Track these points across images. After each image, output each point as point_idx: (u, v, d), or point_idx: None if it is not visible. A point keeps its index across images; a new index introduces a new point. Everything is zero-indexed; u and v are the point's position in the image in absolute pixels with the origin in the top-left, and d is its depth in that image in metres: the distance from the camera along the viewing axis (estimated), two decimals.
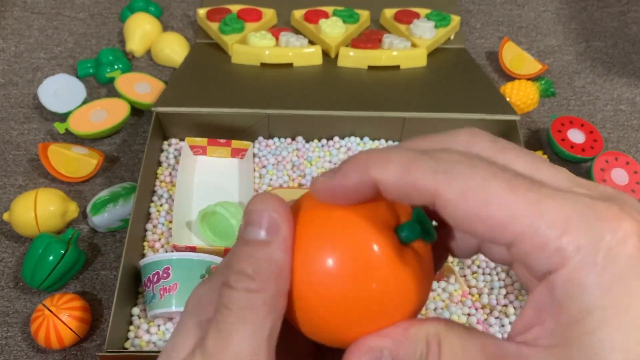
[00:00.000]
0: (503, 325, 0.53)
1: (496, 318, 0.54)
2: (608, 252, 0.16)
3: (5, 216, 0.57)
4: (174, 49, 0.74)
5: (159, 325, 0.52)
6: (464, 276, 0.56)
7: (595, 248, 0.16)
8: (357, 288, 0.19)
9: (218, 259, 0.52)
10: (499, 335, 0.53)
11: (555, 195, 0.16)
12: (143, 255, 0.56)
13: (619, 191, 0.18)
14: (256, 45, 0.69)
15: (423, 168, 0.17)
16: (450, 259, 0.57)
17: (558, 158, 0.67)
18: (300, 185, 0.62)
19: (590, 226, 0.16)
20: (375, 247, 0.19)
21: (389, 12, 0.76)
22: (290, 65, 0.70)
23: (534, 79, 0.73)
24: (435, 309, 0.54)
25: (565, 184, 0.17)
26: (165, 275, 0.51)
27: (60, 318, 0.50)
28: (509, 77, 0.75)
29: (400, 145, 0.20)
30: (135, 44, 0.75)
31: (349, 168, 0.19)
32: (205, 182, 0.63)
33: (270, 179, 0.62)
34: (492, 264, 0.57)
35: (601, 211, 0.16)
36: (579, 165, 0.67)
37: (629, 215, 0.16)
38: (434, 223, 0.20)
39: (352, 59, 0.70)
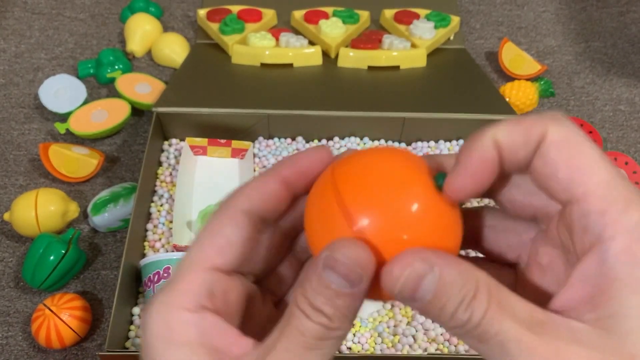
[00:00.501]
0: None
1: None
2: None
3: (6, 216, 0.57)
4: (174, 50, 0.74)
5: None
6: None
7: None
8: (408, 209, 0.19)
9: None
10: None
11: (626, 178, 0.18)
12: (143, 255, 0.57)
13: None
14: (256, 46, 0.69)
15: (532, 118, 0.19)
16: None
17: None
18: None
19: None
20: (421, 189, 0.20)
21: (388, 13, 0.76)
22: (290, 65, 0.70)
23: (534, 79, 0.73)
24: None
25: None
26: (165, 275, 0.51)
27: (61, 318, 0.50)
28: (509, 78, 0.75)
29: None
30: (136, 44, 0.75)
31: (465, 152, 0.20)
32: (206, 182, 0.63)
33: None
34: None
35: None
36: None
37: None
38: None
39: (352, 59, 0.70)
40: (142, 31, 0.75)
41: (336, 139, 0.66)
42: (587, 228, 0.18)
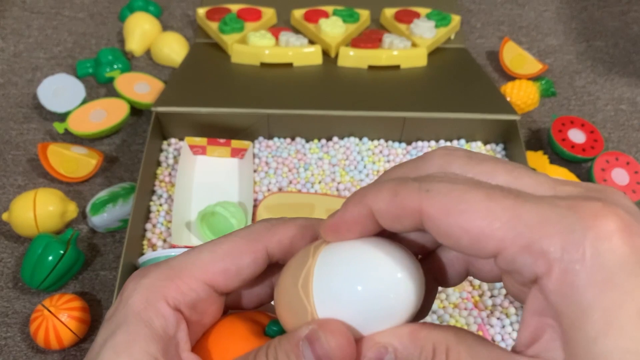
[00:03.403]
0: (504, 327, 0.53)
1: (497, 319, 0.53)
2: (594, 249, 0.15)
3: (5, 216, 0.57)
4: (173, 49, 0.74)
5: None
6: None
7: (580, 247, 0.15)
8: None
9: None
10: (499, 337, 0.52)
11: (532, 200, 0.16)
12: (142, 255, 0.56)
13: (605, 187, 0.17)
14: (256, 45, 0.69)
15: (409, 190, 0.18)
16: None
17: (558, 158, 0.67)
18: (299, 191, 0.62)
19: (571, 226, 0.16)
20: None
21: (389, 12, 0.76)
22: (290, 65, 0.70)
23: (535, 78, 0.73)
24: (434, 311, 0.53)
25: (547, 189, 0.17)
26: None
27: (59, 318, 0.50)
28: (510, 77, 0.74)
29: (387, 175, 0.20)
30: (135, 43, 0.75)
31: (348, 203, 0.20)
32: (205, 182, 0.63)
33: (270, 182, 0.62)
34: None
35: (582, 210, 0.16)
36: (579, 165, 0.67)
37: (611, 211, 0.16)
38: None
39: (352, 58, 0.70)
40: (141, 30, 0.75)
41: (335, 139, 0.66)
42: (519, 272, 0.17)
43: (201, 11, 0.75)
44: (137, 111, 0.69)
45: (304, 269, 0.20)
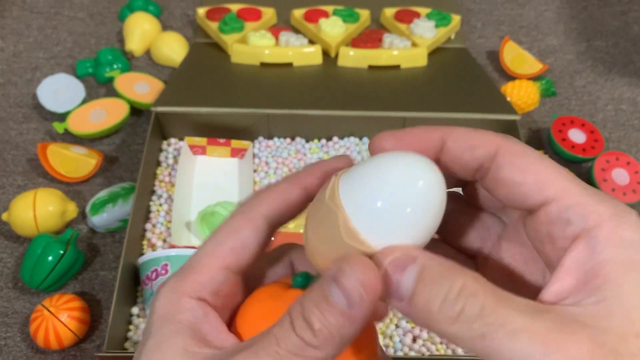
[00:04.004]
0: None
1: None
2: (637, 221, 0.18)
3: (4, 216, 0.57)
4: (173, 49, 0.74)
5: None
6: None
7: (627, 216, 0.18)
8: None
9: None
10: None
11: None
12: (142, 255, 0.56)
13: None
14: (256, 45, 0.69)
15: (490, 132, 0.20)
16: None
17: (559, 158, 0.67)
18: None
19: (616, 205, 0.18)
20: None
21: (389, 12, 0.76)
22: (290, 64, 0.70)
23: (535, 78, 0.73)
24: None
25: None
26: (163, 272, 0.51)
27: (59, 318, 0.50)
28: (510, 77, 0.74)
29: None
30: (135, 43, 0.75)
31: (419, 127, 0.21)
32: (205, 182, 0.62)
33: (269, 182, 0.62)
34: None
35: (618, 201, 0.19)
36: (579, 165, 0.67)
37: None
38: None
39: (352, 58, 0.70)
40: (141, 30, 0.75)
41: (336, 138, 0.66)
42: (569, 221, 0.18)
43: (201, 11, 0.75)
44: (137, 111, 0.69)
45: (327, 189, 0.20)
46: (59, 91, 0.68)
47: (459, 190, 0.24)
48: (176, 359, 0.19)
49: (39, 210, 0.56)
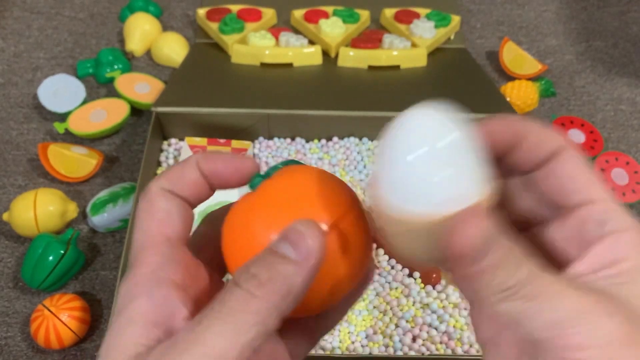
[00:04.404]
0: None
1: None
2: None
3: (5, 216, 0.57)
4: (173, 49, 0.74)
5: None
6: None
7: None
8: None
9: None
10: None
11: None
12: None
13: None
14: (256, 45, 0.69)
15: (555, 130, 0.23)
16: None
17: None
18: None
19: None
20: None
21: (389, 12, 0.76)
22: (290, 65, 0.70)
23: (534, 78, 0.73)
24: (434, 311, 0.54)
25: None
26: None
27: (59, 318, 0.50)
28: (509, 77, 0.75)
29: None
30: (135, 43, 0.75)
31: (504, 118, 0.24)
32: None
33: None
34: None
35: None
36: None
37: None
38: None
39: (352, 58, 0.70)
40: (141, 31, 0.75)
41: (336, 138, 0.66)
42: (604, 222, 0.21)
43: (201, 11, 0.75)
44: (137, 111, 0.69)
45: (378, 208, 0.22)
46: (59, 91, 0.68)
47: None
48: (125, 352, 0.20)
49: (39, 210, 0.56)
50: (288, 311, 0.20)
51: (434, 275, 0.55)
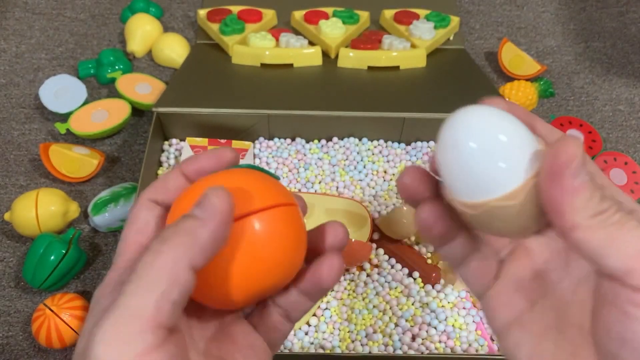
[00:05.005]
0: None
1: None
2: None
3: (7, 216, 0.57)
4: (174, 50, 0.74)
5: None
6: None
7: None
8: None
9: None
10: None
11: None
12: None
13: None
14: (256, 46, 0.70)
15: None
16: None
17: None
18: (299, 190, 0.63)
19: None
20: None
21: (388, 13, 0.76)
22: (290, 65, 0.70)
23: (533, 79, 0.73)
24: (433, 310, 0.54)
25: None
26: None
27: (61, 317, 0.50)
28: (508, 78, 0.75)
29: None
30: (136, 44, 0.75)
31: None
32: None
33: None
34: None
35: None
36: None
37: None
38: None
39: (352, 59, 0.70)
40: (142, 31, 0.75)
41: (335, 139, 0.66)
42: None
43: (202, 12, 0.75)
44: (138, 112, 0.70)
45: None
46: (60, 92, 0.68)
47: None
48: (81, 342, 0.22)
49: (41, 210, 0.56)
50: (200, 263, 0.21)
51: (434, 275, 0.55)
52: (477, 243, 0.26)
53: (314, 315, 0.54)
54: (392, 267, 0.57)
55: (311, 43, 0.73)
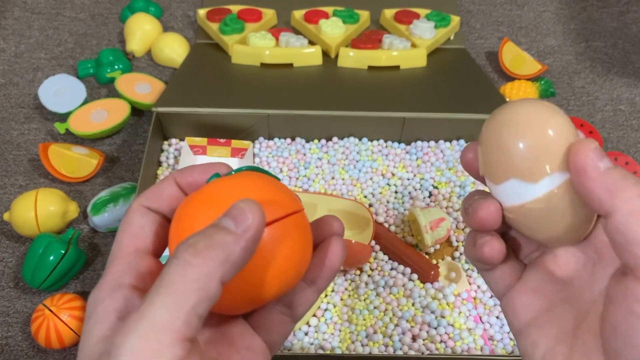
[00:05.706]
0: (502, 326, 0.53)
1: (497, 318, 0.54)
2: None
3: (6, 216, 0.57)
4: (174, 49, 0.74)
5: None
6: (469, 277, 0.56)
7: None
8: None
9: None
10: (499, 336, 0.53)
11: None
12: None
13: None
14: (256, 46, 0.69)
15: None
16: (457, 256, 0.57)
17: None
18: (299, 190, 0.63)
19: None
20: None
21: (388, 13, 0.76)
22: (290, 65, 0.70)
23: (534, 79, 0.73)
24: (433, 311, 0.54)
25: None
26: None
27: (60, 318, 0.50)
28: (509, 78, 0.75)
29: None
30: (136, 44, 0.75)
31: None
32: None
33: None
34: None
35: None
36: None
37: None
38: None
39: (352, 59, 0.70)
40: (141, 31, 0.75)
41: (335, 139, 0.66)
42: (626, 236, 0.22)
43: (202, 12, 0.75)
44: (137, 111, 0.70)
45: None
46: (60, 91, 0.68)
47: None
48: (93, 340, 0.22)
49: (40, 210, 0.56)
50: (229, 278, 0.21)
51: (432, 273, 0.55)
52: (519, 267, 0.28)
53: (314, 315, 0.54)
54: (393, 268, 0.56)
55: (311, 43, 0.73)
